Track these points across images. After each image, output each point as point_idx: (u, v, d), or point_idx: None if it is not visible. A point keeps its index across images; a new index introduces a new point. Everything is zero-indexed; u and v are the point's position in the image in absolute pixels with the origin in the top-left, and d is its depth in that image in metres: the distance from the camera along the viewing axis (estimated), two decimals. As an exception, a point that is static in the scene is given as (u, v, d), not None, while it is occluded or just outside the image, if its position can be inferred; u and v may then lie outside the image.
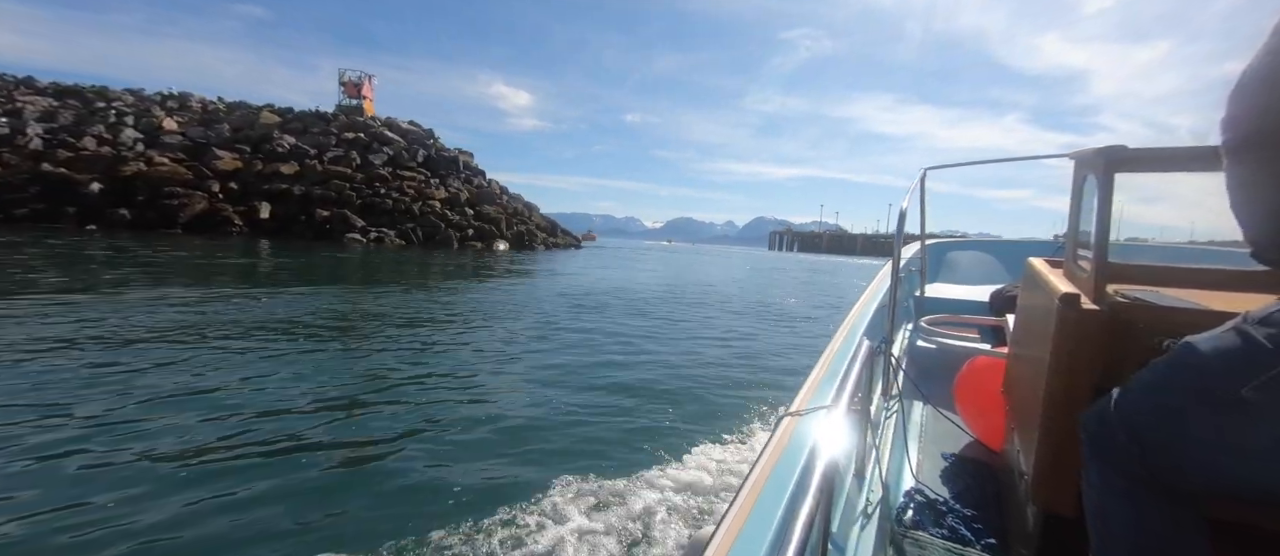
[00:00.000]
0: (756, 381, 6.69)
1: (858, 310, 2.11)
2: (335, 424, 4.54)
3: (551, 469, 3.74)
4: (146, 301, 9.35)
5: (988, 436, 2.14)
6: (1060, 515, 1.22)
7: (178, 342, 6.72)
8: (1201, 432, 0.83)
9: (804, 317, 13.58)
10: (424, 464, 3.88)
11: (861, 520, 1.42)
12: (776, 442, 0.92)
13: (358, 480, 3.64)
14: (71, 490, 3.23)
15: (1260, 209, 0.77)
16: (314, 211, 32.39)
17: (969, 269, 4.89)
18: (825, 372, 1.30)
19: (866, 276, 3.23)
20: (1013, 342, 1.96)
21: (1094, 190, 1.34)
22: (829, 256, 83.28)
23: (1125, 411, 0.92)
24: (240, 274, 14.80)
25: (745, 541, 0.67)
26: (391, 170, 38.60)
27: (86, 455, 3.66)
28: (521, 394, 5.69)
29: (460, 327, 9.31)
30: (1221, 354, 0.81)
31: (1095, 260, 1.27)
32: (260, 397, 5.00)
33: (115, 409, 4.46)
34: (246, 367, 5.90)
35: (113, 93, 39.56)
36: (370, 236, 32.29)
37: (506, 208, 42.25)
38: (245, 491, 3.33)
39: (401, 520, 3.10)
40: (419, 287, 14.43)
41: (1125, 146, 1.26)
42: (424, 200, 37.01)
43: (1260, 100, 0.73)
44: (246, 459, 3.76)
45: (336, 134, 40.18)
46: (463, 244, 35.47)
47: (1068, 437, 1.11)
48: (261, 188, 33.09)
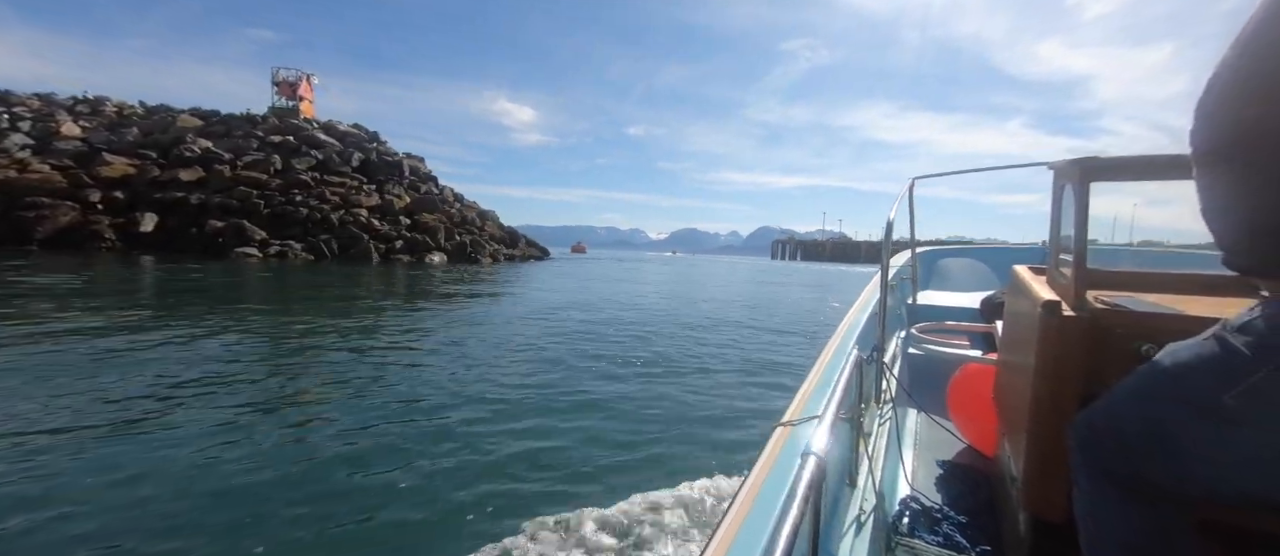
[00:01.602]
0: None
1: (850, 319, 2.00)
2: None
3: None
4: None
5: (981, 442, 2.16)
6: (1050, 521, 1.22)
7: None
8: (1186, 440, 0.84)
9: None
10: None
11: (855, 528, 1.34)
12: (769, 453, 0.91)
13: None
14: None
15: (1229, 217, 0.79)
16: (207, 223, 27.93)
17: (960, 276, 4.81)
18: (817, 382, 1.27)
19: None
20: (1001, 349, 1.98)
21: (1073, 199, 1.36)
22: (832, 264, 78.53)
23: (1111, 418, 0.94)
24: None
25: (736, 550, 0.67)
26: (317, 176, 34.20)
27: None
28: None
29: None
30: (1202, 362, 0.82)
31: (1075, 267, 1.28)
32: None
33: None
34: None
35: (15, 97, 35.71)
36: (269, 250, 27.69)
37: (452, 216, 37.60)
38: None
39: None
40: (241, 320, 9.69)
41: (1099, 156, 1.31)
42: (348, 208, 32.49)
43: (1224, 111, 0.75)
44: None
45: (262, 137, 35.97)
46: (388, 257, 30.80)
47: (1055, 443, 1.11)
48: (153, 197, 28.78)
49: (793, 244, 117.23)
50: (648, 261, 64.93)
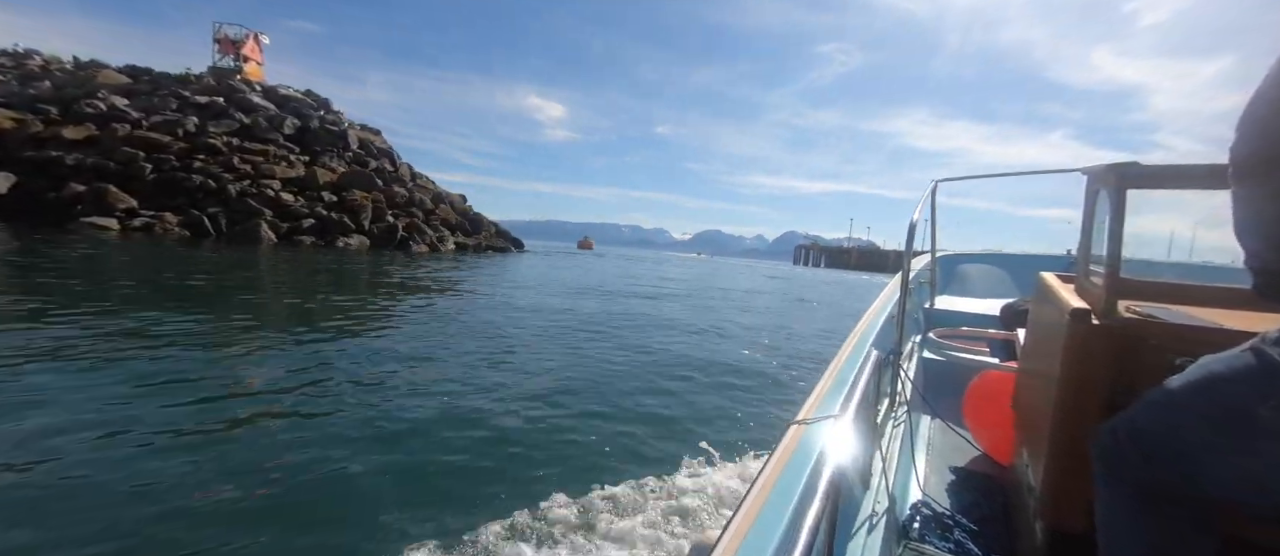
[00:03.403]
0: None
1: (867, 320, 1.99)
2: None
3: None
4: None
5: (996, 450, 2.14)
6: (1069, 532, 1.20)
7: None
8: (1216, 452, 0.82)
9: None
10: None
11: (867, 531, 1.33)
12: (783, 450, 0.91)
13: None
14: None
15: (1262, 231, 0.77)
16: (67, 186, 23.50)
17: (979, 282, 4.76)
18: (833, 382, 1.27)
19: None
20: (1023, 357, 1.97)
21: (1107, 206, 1.34)
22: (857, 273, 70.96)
23: (1138, 429, 0.92)
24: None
25: (751, 546, 0.68)
26: (235, 142, 29.64)
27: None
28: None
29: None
30: (1237, 374, 0.80)
31: (1107, 275, 1.25)
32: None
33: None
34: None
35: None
36: (133, 223, 23.08)
37: (392, 196, 32.56)
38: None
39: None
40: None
41: (1139, 162, 1.26)
42: (258, 180, 27.76)
43: (1265, 126, 0.73)
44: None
45: (186, 97, 31.71)
46: (290, 237, 25.89)
47: (1078, 454, 1.09)
48: (22, 155, 24.59)
49: (816, 250, 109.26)
50: (667, 261, 58.99)
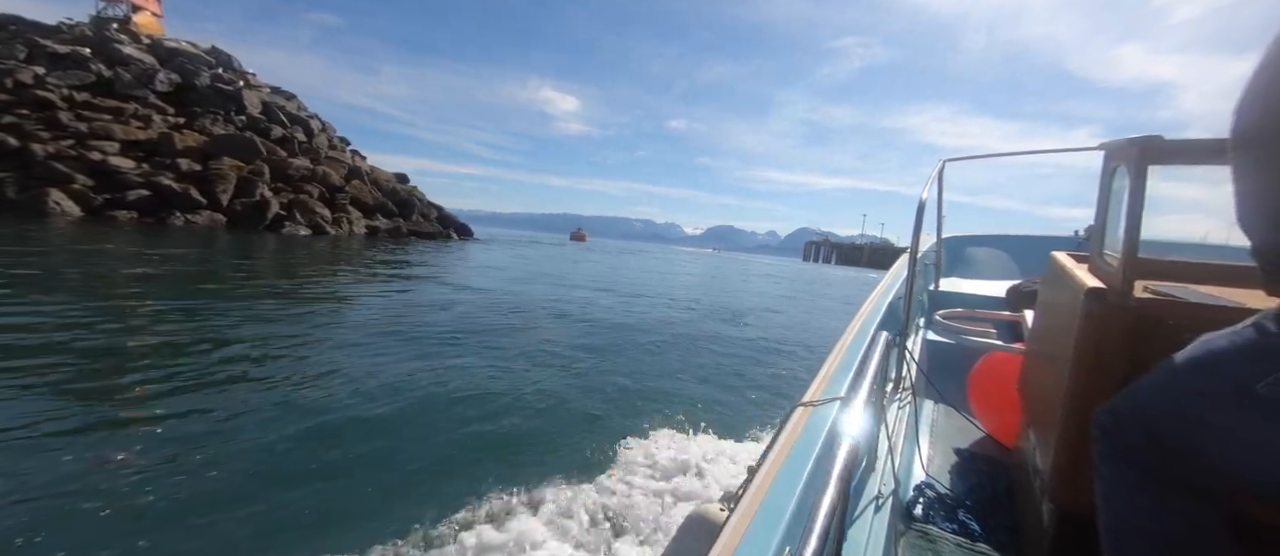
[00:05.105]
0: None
1: (872, 302, 2.00)
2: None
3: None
4: None
5: (1000, 433, 2.13)
6: (1078, 513, 1.19)
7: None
8: (1217, 428, 0.81)
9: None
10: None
11: (872, 512, 1.32)
12: (790, 431, 0.91)
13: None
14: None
15: (1259, 207, 0.76)
16: None
17: (986, 264, 4.66)
18: (839, 364, 1.26)
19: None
20: (1032, 338, 1.93)
21: (1125, 182, 1.30)
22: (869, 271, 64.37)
23: (1139, 407, 0.90)
24: None
25: (759, 525, 0.68)
26: (81, 97, 24.31)
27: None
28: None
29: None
30: (1238, 349, 0.79)
31: (1124, 254, 1.19)
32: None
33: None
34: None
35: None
36: None
37: (282, 166, 26.93)
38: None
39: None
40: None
41: (1161, 136, 1.22)
42: (89, 140, 22.36)
43: (1258, 109, 0.73)
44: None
45: (43, 47, 26.53)
46: (100, 211, 20.42)
47: (1089, 435, 1.09)
48: None
49: (827, 246, 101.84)
50: (677, 256, 54.82)
